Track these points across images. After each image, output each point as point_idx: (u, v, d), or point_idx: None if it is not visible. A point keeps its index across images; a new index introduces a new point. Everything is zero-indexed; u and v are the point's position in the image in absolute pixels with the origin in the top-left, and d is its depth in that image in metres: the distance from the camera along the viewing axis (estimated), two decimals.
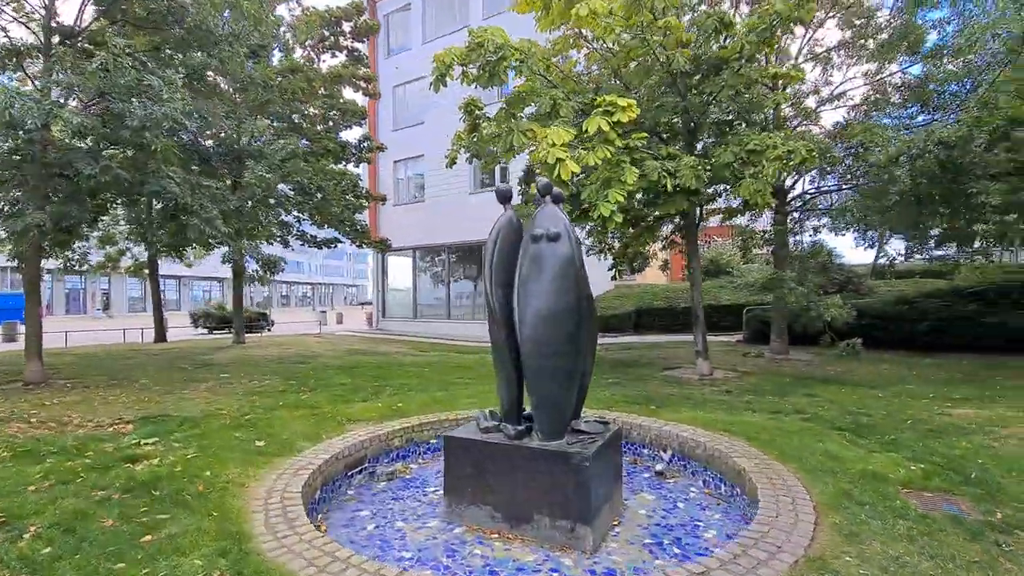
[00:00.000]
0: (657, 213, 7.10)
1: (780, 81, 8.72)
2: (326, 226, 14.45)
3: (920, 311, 11.23)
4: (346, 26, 14.67)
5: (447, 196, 19.17)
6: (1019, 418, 5.41)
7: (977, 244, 11.26)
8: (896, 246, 11.51)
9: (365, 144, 16.07)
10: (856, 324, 8.82)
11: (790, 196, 10.94)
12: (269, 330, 23.26)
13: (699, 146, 8.13)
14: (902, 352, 10.12)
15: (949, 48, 9.04)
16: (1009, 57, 6.68)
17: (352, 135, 15.97)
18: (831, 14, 10.35)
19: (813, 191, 11.30)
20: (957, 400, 6.37)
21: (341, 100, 14.11)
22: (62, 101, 8.02)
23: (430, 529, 3.87)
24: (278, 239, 13.65)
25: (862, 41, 10.46)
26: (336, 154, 13.33)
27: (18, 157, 7.93)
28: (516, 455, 3.78)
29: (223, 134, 10.71)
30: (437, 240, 19.57)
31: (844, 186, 10.38)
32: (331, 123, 13.98)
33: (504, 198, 4.28)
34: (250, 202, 10.87)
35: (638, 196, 7.26)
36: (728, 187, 8.73)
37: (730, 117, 8.82)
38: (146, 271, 15.88)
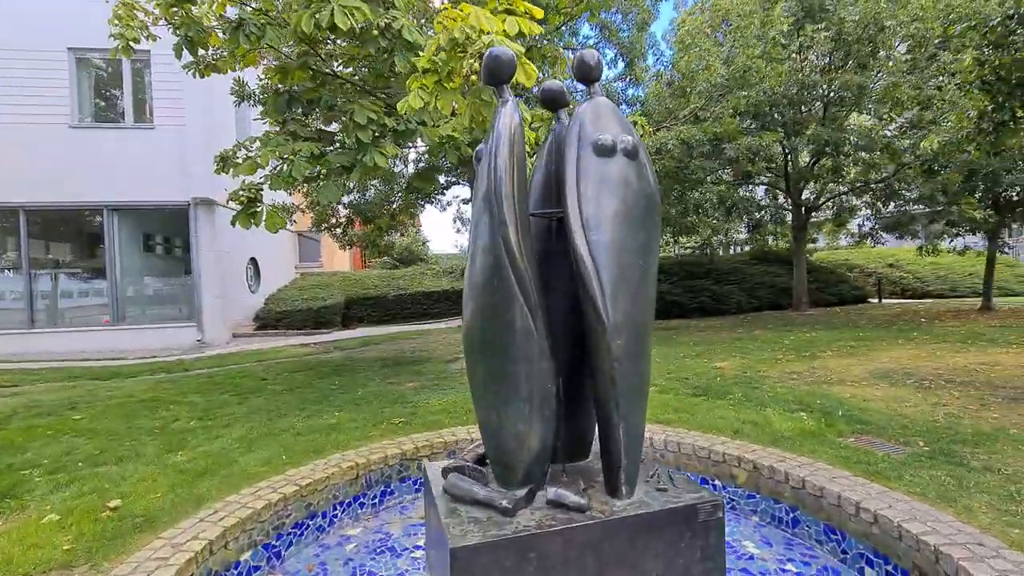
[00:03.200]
0: None
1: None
2: None
3: None
4: None
5: (26, 125, 11.53)
6: (764, 362, 6.97)
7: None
8: None
9: None
10: None
11: None
12: None
13: None
14: None
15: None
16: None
17: None
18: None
19: None
20: (701, 354, 7.82)
21: None
22: None
23: None
24: None
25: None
26: None
27: None
28: (608, 536, 2.08)
29: None
30: (5, 198, 11.59)
31: None
32: None
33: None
34: None
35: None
36: None
37: None
38: None
